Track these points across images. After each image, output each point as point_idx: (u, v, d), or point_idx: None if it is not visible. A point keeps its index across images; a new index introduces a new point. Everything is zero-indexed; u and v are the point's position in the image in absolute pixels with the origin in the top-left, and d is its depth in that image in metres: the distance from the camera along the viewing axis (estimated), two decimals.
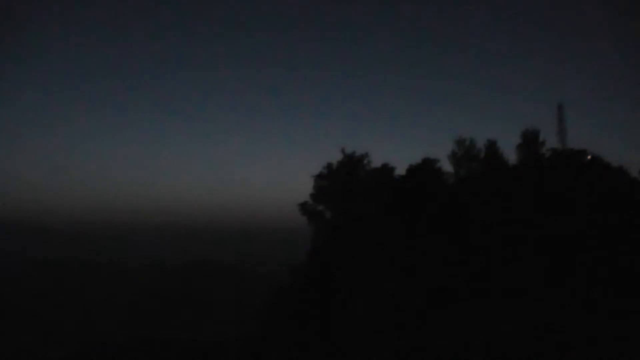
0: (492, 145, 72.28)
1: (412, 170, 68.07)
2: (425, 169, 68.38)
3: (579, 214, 63.04)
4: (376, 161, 70.78)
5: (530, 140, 74.01)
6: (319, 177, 69.61)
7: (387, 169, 68.94)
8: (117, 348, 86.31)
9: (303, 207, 70.00)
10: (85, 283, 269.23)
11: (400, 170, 69.89)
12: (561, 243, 59.51)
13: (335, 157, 70.39)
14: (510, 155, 73.93)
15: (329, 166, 69.28)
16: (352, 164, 68.29)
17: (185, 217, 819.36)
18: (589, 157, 74.05)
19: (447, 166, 72.46)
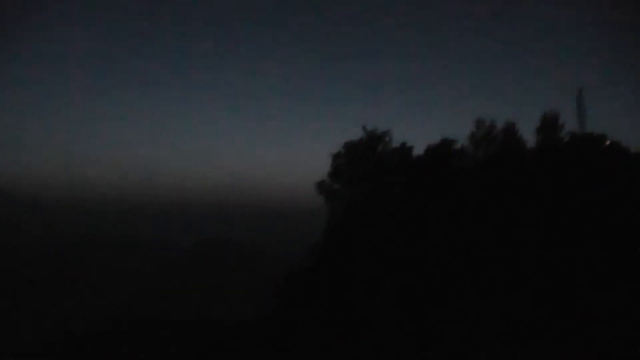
0: (511, 128, 71.56)
1: (431, 150, 67.44)
2: (443, 149, 67.72)
3: (595, 201, 62.31)
4: (395, 141, 70.15)
5: (549, 124, 73.14)
6: (337, 156, 69.03)
7: (405, 149, 68.31)
8: (130, 326, 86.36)
9: (320, 186, 69.51)
10: (100, 261, 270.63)
11: (419, 150, 69.41)
12: (575, 233, 58.86)
13: (354, 137, 69.86)
14: (530, 138, 73.22)
15: (347, 145, 68.66)
16: (372, 142, 67.65)
17: (200, 196, 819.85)
18: (608, 141, 73.20)
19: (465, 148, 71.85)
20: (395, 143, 69.94)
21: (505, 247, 58.96)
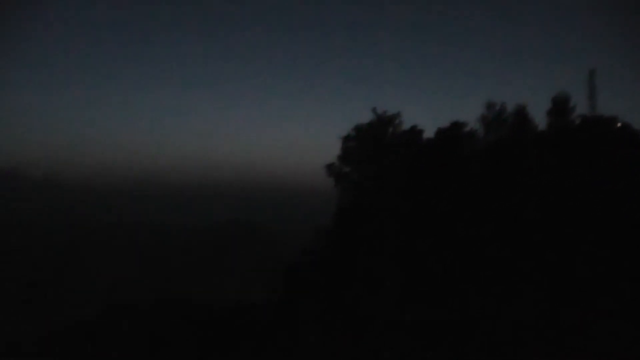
0: (522, 110, 71.15)
1: (441, 133, 67.20)
2: (454, 132, 67.47)
3: (605, 185, 62.02)
4: (405, 124, 69.95)
5: (560, 106, 72.64)
6: (346, 139, 68.90)
7: (415, 132, 68.11)
8: (148, 306, 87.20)
9: (330, 168, 69.48)
10: (117, 243, 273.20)
11: (429, 133, 69.23)
12: (586, 217, 58.60)
13: (364, 120, 69.66)
14: (541, 120, 72.83)
15: (357, 127, 68.49)
16: (382, 125, 67.46)
17: (214, 178, 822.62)
18: (619, 124, 72.81)
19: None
20: (406, 126, 69.75)
21: (516, 233, 58.99)
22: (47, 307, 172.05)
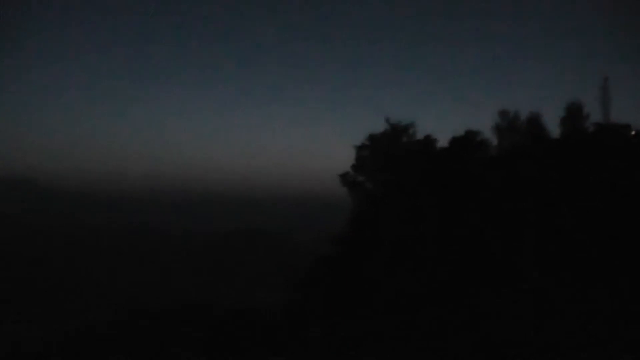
0: (535, 118, 71.29)
1: (455, 141, 67.42)
2: (468, 140, 67.67)
3: (619, 192, 62.04)
4: (419, 133, 70.22)
5: (573, 114, 72.74)
6: (360, 148, 69.22)
7: (429, 141, 68.36)
8: (161, 312, 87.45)
9: (344, 178, 69.79)
10: (127, 249, 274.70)
11: (443, 142, 69.48)
12: (600, 224, 58.63)
13: (378, 129, 69.97)
14: (555, 128, 72.95)
15: (371, 137, 68.82)
16: (396, 134, 67.77)
17: (227, 185, 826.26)
18: (633, 131, 72.88)
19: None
20: (419, 135, 70.04)
21: (530, 239, 59.14)
22: (58, 313, 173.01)
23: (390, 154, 67.22)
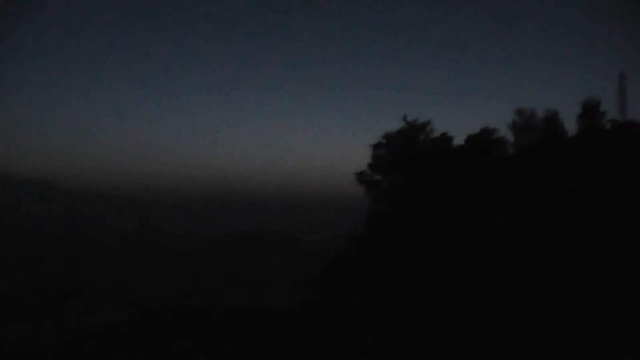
0: (552, 116, 71.01)
1: (471, 140, 67.20)
2: (484, 138, 67.45)
3: (635, 193, 61.55)
4: (435, 132, 70.12)
5: (590, 111, 72.37)
6: (377, 147, 69.24)
7: (445, 139, 68.22)
8: (171, 314, 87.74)
9: (360, 176, 69.83)
10: (139, 250, 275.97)
11: (459, 140, 69.32)
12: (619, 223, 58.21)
13: (393, 127, 70.03)
14: (571, 126, 72.63)
15: (387, 135, 68.84)
16: (412, 132, 67.72)
17: (237, 186, 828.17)
18: None
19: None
20: (436, 133, 69.93)
21: (548, 238, 58.80)
22: (71, 315, 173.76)
23: (406, 153, 67.18)
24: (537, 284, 54.51)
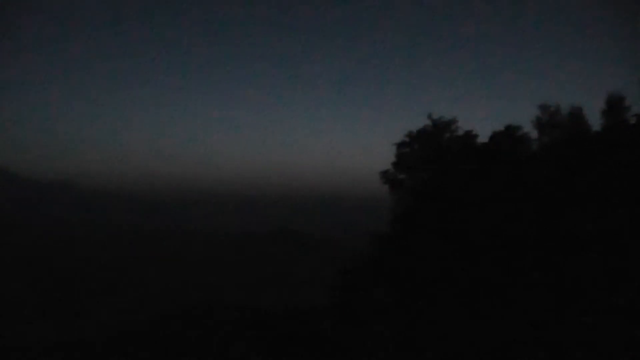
0: (577, 111, 70.51)
1: (496, 137, 67.04)
2: (508, 135, 67.25)
3: None
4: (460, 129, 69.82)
5: (614, 106, 71.76)
6: (400, 145, 69.16)
7: (470, 136, 68.05)
8: (202, 312, 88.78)
9: (384, 175, 69.79)
10: (169, 250, 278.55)
11: (483, 137, 69.16)
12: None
13: (418, 125, 69.85)
14: (596, 121, 72.07)
15: (410, 134, 68.74)
16: (437, 130, 67.57)
17: (266, 186, 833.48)
18: None
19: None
20: (460, 131, 69.69)
21: (573, 236, 58.36)
22: (101, 314, 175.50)
23: (431, 151, 67.11)
24: (561, 286, 54.29)
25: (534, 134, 70.74)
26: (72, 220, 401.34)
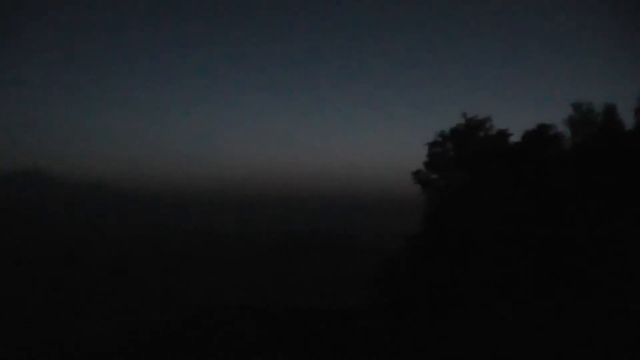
0: (610, 110, 69.90)
1: (528, 136, 66.87)
2: (540, 134, 67.03)
3: None
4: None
5: None
6: (432, 145, 69.41)
7: (503, 135, 68.02)
8: (227, 312, 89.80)
9: (416, 175, 70.10)
10: (197, 251, 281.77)
11: (515, 137, 69.05)
12: None
13: (450, 124, 70.03)
14: (628, 120, 71.38)
15: (442, 133, 68.96)
16: (469, 129, 67.62)
17: (291, 187, 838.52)
18: None
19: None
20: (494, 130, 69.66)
21: (608, 237, 57.74)
22: (132, 315, 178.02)
23: (463, 150, 67.20)
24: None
25: (566, 132, 70.38)
26: (102, 220, 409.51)
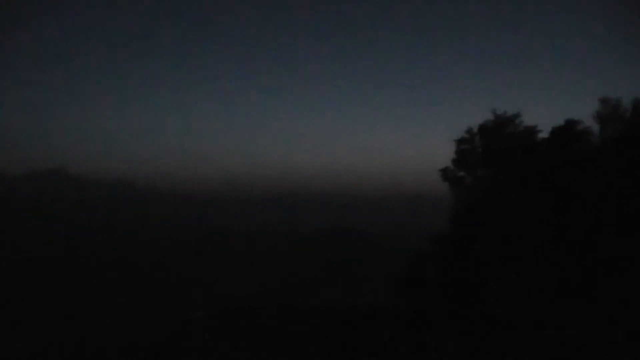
0: (639, 104, 69.22)
1: (556, 131, 66.45)
2: (569, 130, 66.59)
3: None
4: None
5: None
6: (460, 141, 69.09)
7: (532, 132, 67.63)
8: (253, 311, 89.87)
9: (444, 173, 69.87)
10: (225, 248, 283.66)
11: (544, 132, 68.63)
12: None
13: (477, 121, 69.73)
14: None
15: (470, 130, 68.63)
16: (497, 125, 67.26)
17: (324, 184, 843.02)
18: None
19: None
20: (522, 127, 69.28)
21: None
22: (161, 311, 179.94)
23: (492, 147, 66.85)
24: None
25: (595, 128, 69.86)
26: (134, 219, 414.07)
